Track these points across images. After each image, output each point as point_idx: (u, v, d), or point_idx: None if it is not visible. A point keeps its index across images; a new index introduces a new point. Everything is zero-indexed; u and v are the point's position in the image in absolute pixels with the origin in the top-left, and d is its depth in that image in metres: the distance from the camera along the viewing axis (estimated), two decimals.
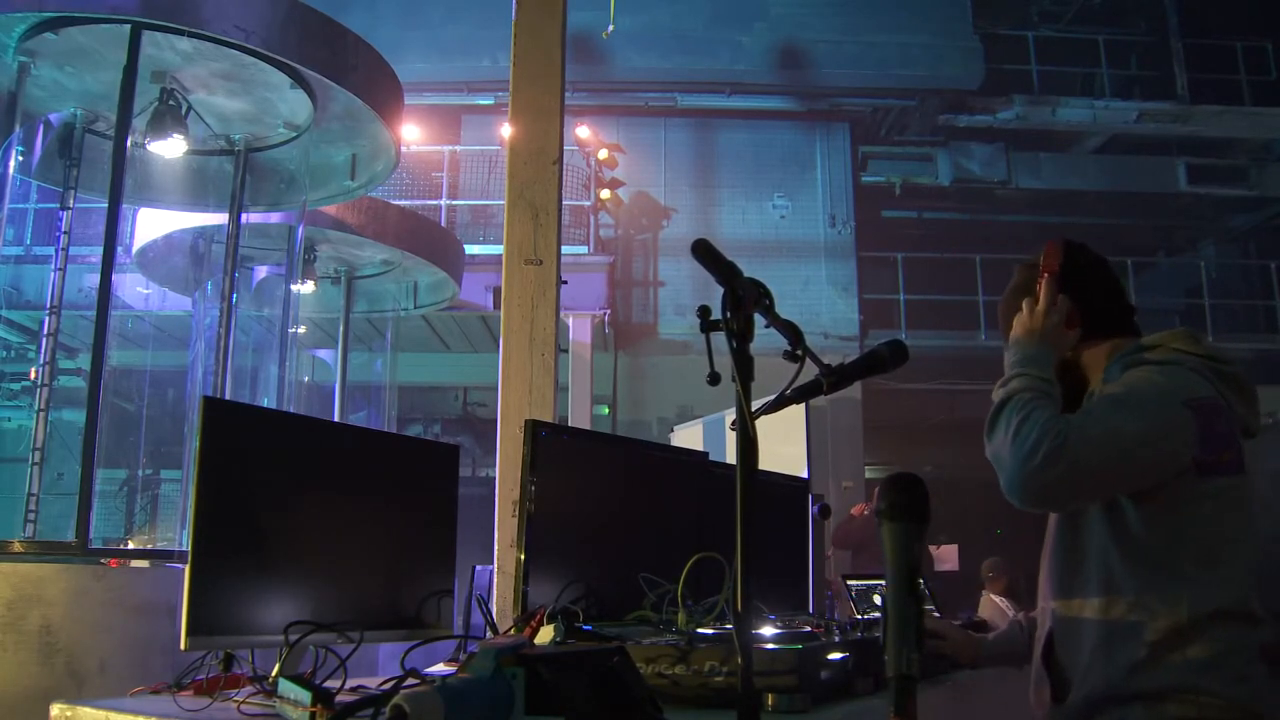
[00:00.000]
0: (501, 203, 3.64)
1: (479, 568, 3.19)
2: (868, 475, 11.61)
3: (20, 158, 5.28)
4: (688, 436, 6.13)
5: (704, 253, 1.36)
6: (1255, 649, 1.58)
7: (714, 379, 1.36)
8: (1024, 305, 1.79)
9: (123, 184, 4.63)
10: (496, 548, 3.29)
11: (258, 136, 5.64)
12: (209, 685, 1.71)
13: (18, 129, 5.01)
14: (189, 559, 1.58)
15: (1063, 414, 1.60)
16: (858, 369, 1.73)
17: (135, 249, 7.18)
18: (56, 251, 5.33)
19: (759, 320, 1.40)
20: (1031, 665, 1.77)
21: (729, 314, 1.32)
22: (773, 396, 1.68)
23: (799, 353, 1.62)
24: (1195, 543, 1.60)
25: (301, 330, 7.92)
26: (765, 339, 1.35)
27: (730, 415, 1.51)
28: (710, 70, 12.31)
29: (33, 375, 8.25)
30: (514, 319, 3.42)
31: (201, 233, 6.87)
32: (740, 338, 1.31)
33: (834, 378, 1.73)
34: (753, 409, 1.59)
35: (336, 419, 7.75)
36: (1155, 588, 1.59)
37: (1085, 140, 13.53)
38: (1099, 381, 1.75)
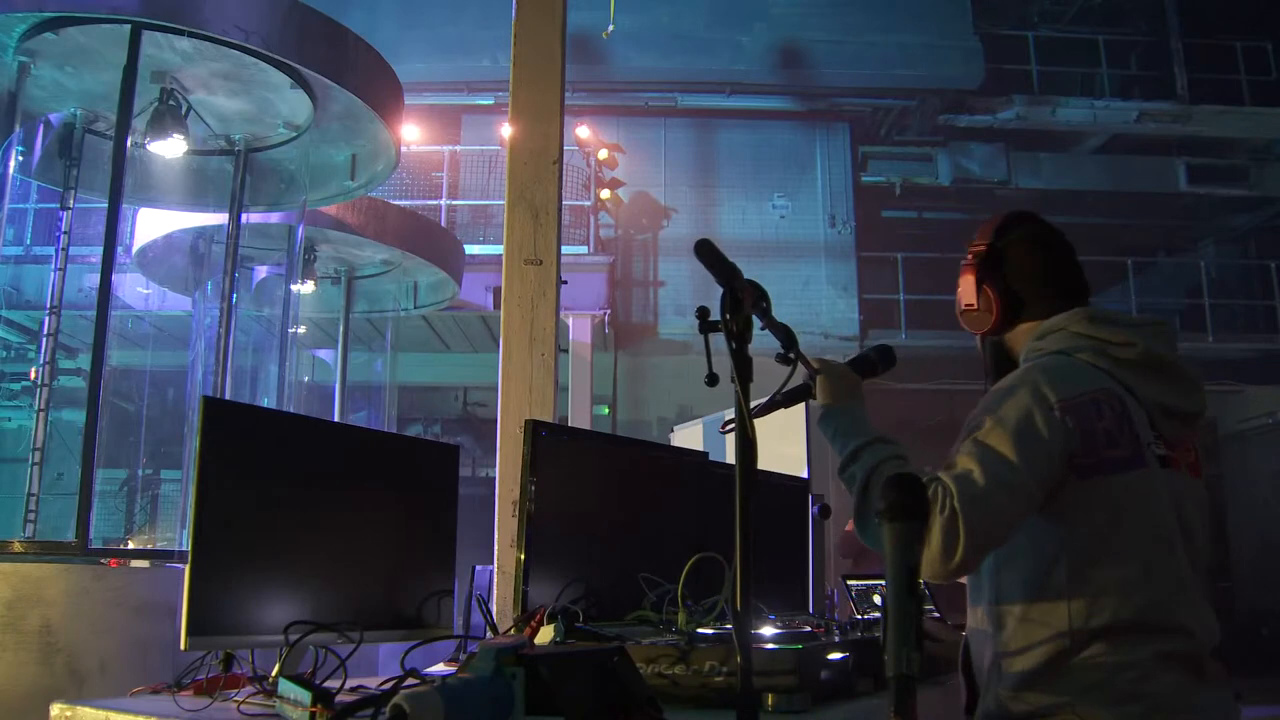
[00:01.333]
0: (501, 203, 3.64)
1: (479, 568, 3.19)
2: None
3: (20, 158, 5.28)
4: (688, 436, 6.12)
5: (706, 253, 1.36)
6: (1156, 662, 1.46)
7: (712, 380, 1.37)
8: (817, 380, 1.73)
9: (123, 184, 4.63)
10: (496, 548, 3.29)
11: (258, 136, 5.64)
12: (209, 685, 1.71)
13: (18, 129, 5.01)
14: (189, 559, 1.58)
15: (938, 478, 1.47)
16: None
17: (135, 249, 7.18)
18: (56, 251, 5.33)
19: (755, 321, 1.41)
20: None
21: (728, 315, 1.32)
22: (764, 399, 1.69)
23: (791, 356, 1.63)
24: (1079, 553, 1.49)
25: (301, 330, 7.92)
26: (763, 340, 1.36)
27: (727, 414, 1.51)
28: (710, 70, 12.31)
29: (33, 375, 8.23)
30: (514, 319, 3.42)
31: (201, 233, 6.87)
32: (739, 339, 1.31)
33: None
34: (750, 413, 1.60)
35: (336, 419, 7.75)
36: (1040, 603, 1.50)
37: (1085, 140, 13.53)
38: None
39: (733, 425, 1.36)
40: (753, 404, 1.63)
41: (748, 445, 1.28)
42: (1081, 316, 1.64)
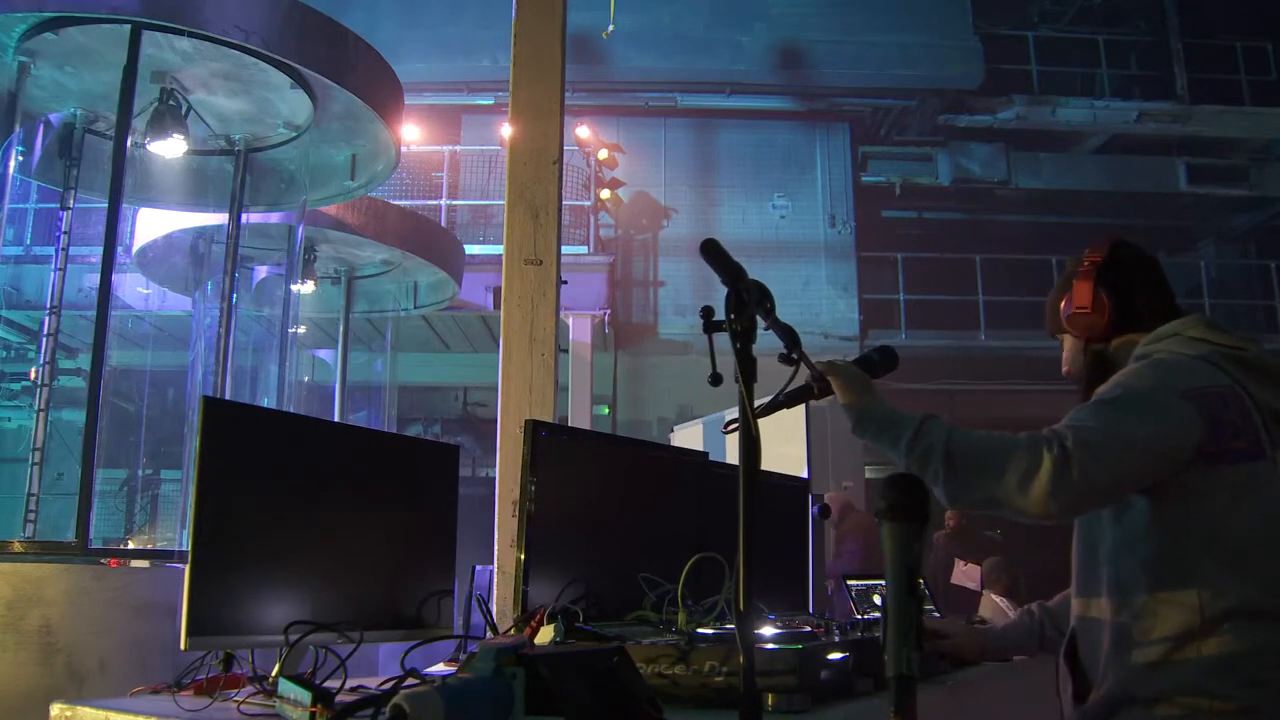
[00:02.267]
0: (501, 203, 3.64)
1: (479, 568, 3.19)
2: (868, 475, 11.60)
3: (20, 158, 5.28)
4: (688, 436, 6.13)
5: (713, 252, 1.36)
6: (1277, 649, 1.51)
7: (716, 380, 1.37)
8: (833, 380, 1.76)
9: (123, 184, 4.63)
10: (496, 548, 3.29)
11: (258, 136, 5.64)
12: (209, 685, 1.71)
13: (18, 129, 5.01)
14: (189, 559, 1.58)
15: (1057, 427, 1.55)
16: None
17: (135, 249, 7.18)
18: (56, 251, 5.33)
19: (758, 321, 1.41)
20: (1056, 660, 1.76)
21: (733, 315, 1.32)
22: (766, 399, 1.69)
23: (794, 356, 1.63)
24: (1207, 538, 1.54)
25: (301, 330, 7.92)
26: (765, 340, 1.36)
27: (728, 414, 1.51)
28: (710, 70, 12.31)
29: (33, 375, 8.24)
30: (514, 319, 3.42)
31: (201, 233, 6.87)
32: (744, 339, 1.31)
33: (823, 384, 1.75)
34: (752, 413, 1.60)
35: (336, 419, 7.75)
36: (1165, 588, 1.54)
37: (1085, 140, 13.54)
38: None
39: (736, 425, 1.36)
40: (756, 404, 1.64)
41: (752, 445, 1.28)
42: (1198, 322, 1.72)
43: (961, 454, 1.58)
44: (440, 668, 1.92)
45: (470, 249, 9.21)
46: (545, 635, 1.69)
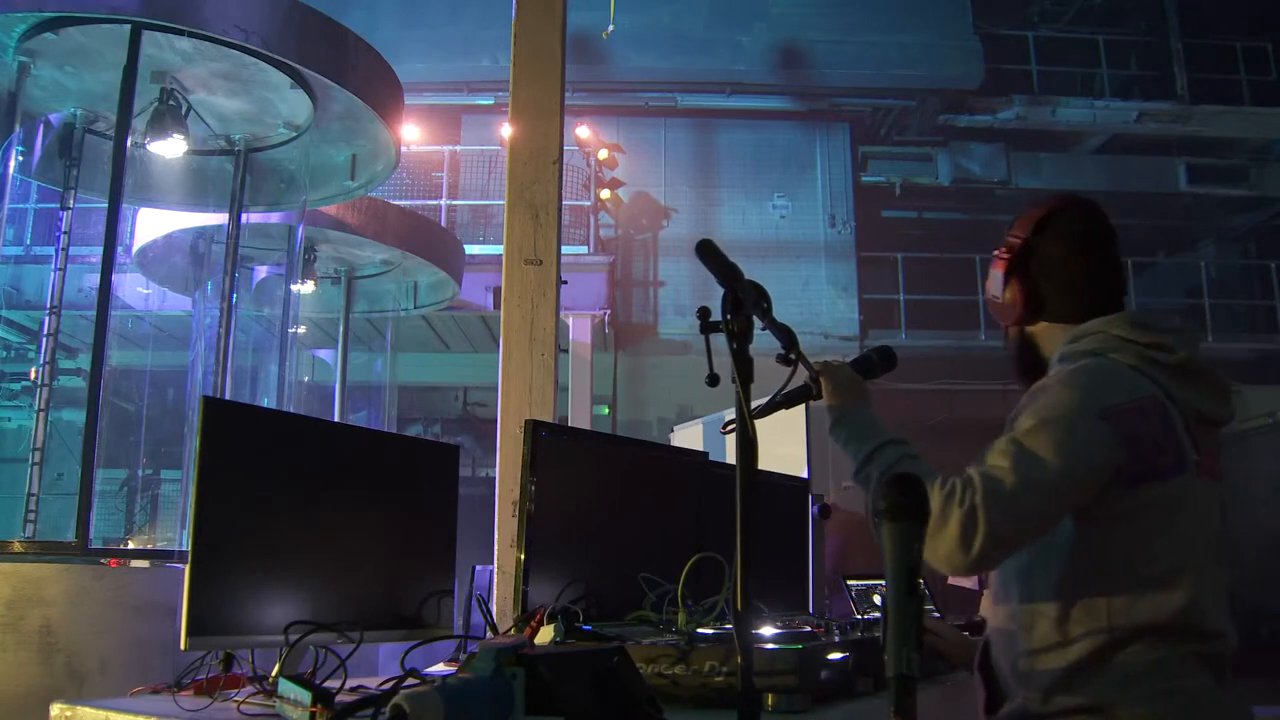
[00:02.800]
0: (501, 203, 3.64)
1: (479, 568, 3.19)
2: None
3: (20, 158, 5.27)
4: (688, 436, 6.11)
5: (708, 253, 1.35)
6: (1190, 662, 1.47)
7: (713, 380, 1.36)
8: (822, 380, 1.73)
9: (123, 184, 4.63)
10: (496, 548, 3.29)
11: (258, 136, 5.64)
12: (209, 685, 1.71)
13: (18, 129, 5.01)
14: (189, 559, 1.58)
15: (960, 473, 1.46)
16: None
17: (135, 249, 7.18)
18: (56, 251, 5.33)
19: (755, 322, 1.40)
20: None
21: (729, 315, 1.32)
22: (764, 400, 1.69)
23: (792, 356, 1.63)
24: (1123, 560, 1.49)
25: (301, 330, 7.92)
26: (764, 340, 1.36)
27: (728, 415, 1.51)
28: (710, 70, 12.31)
29: (33, 375, 8.24)
30: (514, 319, 3.42)
31: (201, 233, 6.87)
32: (740, 339, 1.31)
33: (820, 384, 1.75)
34: (748, 414, 1.61)
35: (336, 419, 7.75)
36: (1078, 605, 1.49)
37: (1085, 140, 13.54)
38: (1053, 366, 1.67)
39: (734, 425, 1.36)
40: (753, 405, 1.64)
41: (748, 445, 1.28)
42: (1124, 320, 1.62)
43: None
44: (440, 668, 1.92)
45: (470, 249, 9.21)
46: (545, 635, 1.69)
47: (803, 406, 1.81)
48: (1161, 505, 1.50)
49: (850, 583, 2.90)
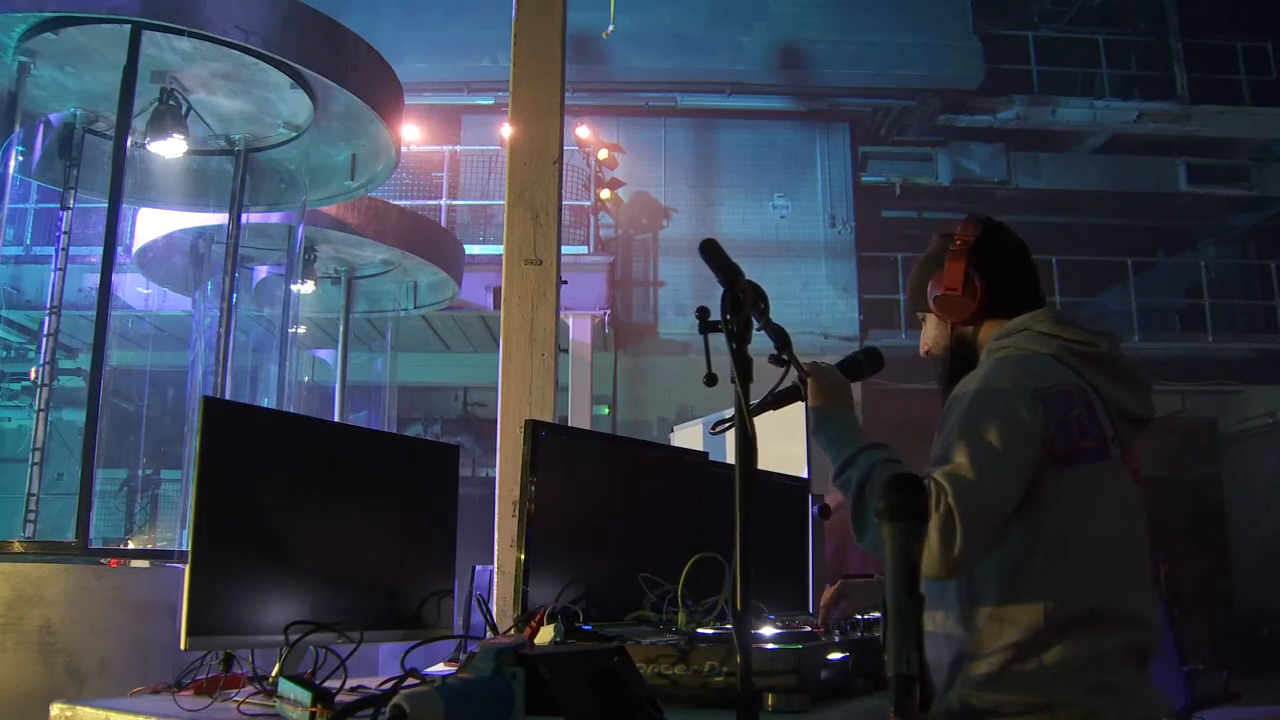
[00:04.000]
0: (501, 203, 3.64)
1: (479, 568, 3.19)
2: None
3: (20, 158, 5.27)
4: (688, 436, 6.11)
5: (711, 252, 1.36)
6: (1119, 653, 1.50)
7: (711, 380, 1.37)
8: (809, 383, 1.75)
9: (123, 184, 4.63)
10: (496, 548, 3.29)
11: (258, 136, 5.64)
12: (209, 685, 1.71)
13: (18, 129, 5.01)
14: (189, 559, 1.58)
15: (931, 477, 1.49)
16: None
17: (135, 249, 7.18)
18: (56, 251, 5.33)
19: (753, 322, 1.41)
20: None
21: (729, 315, 1.32)
22: (766, 398, 1.69)
23: (784, 357, 1.64)
24: (1056, 544, 1.52)
25: (301, 330, 7.92)
26: (763, 340, 1.36)
27: (727, 413, 1.51)
28: (710, 70, 12.30)
29: (33, 375, 8.24)
30: (514, 319, 3.42)
31: (201, 233, 6.87)
32: (739, 339, 1.31)
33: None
34: (732, 417, 1.62)
35: (336, 419, 7.75)
36: (1015, 595, 1.51)
37: (1085, 140, 13.53)
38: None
39: (725, 426, 1.36)
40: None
41: (748, 445, 1.28)
42: (1047, 316, 1.69)
43: (867, 498, 1.57)
44: (440, 668, 1.92)
45: (470, 249, 9.21)
46: (545, 635, 1.69)
47: (803, 406, 1.81)
48: (1089, 488, 1.55)
49: (848, 582, 2.90)
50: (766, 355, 1.62)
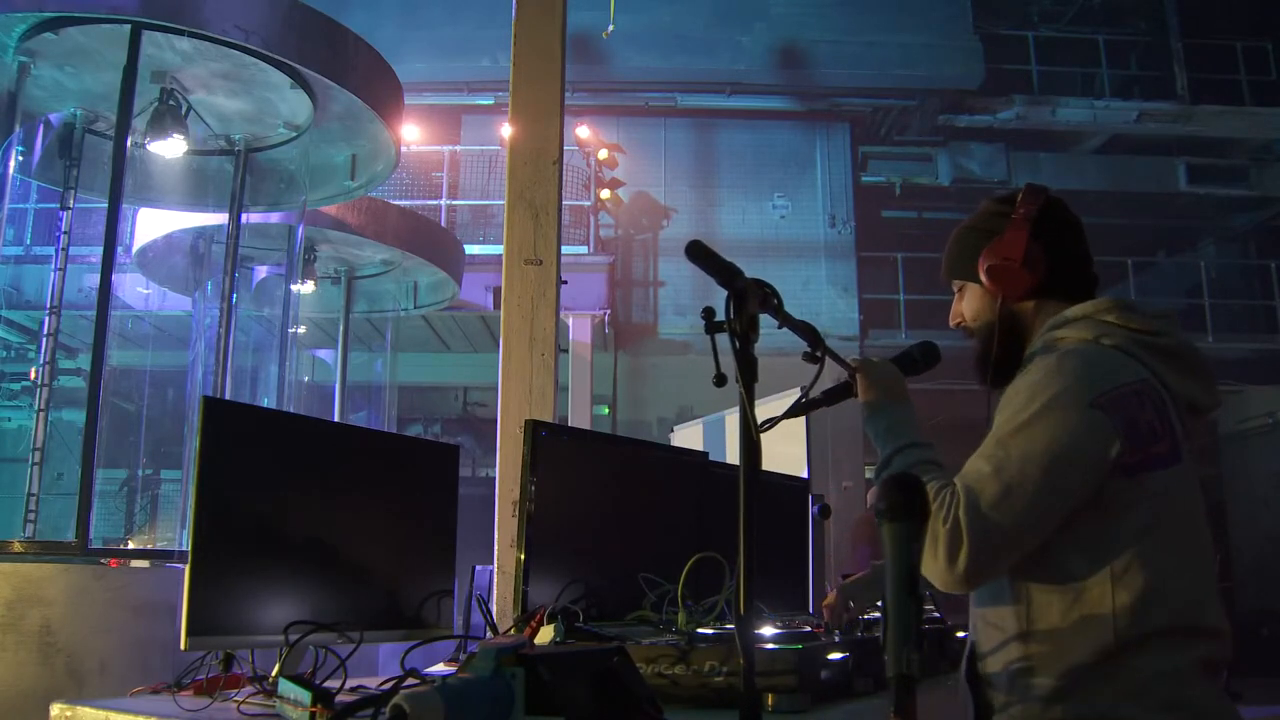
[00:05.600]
0: (501, 203, 3.64)
1: (479, 568, 3.19)
2: (868, 475, 11.63)
3: (20, 158, 5.27)
4: (688, 436, 6.12)
5: (699, 254, 1.28)
6: (1195, 668, 1.40)
7: (720, 381, 1.34)
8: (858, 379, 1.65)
9: (123, 184, 4.63)
10: (496, 548, 3.30)
11: (258, 136, 5.64)
12: (209, 685, 1.71)
13: (18, 129, 5.01)
14: (189, 559, 1.58)
15: (951, 482, 1.41)
16: None
17: (135, 249, 7.18)
18: (56, 251, 5.33)
19: (768, 321, 1.38)
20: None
21: (732, 315, 1.31)
22: (801, 398, 1.65)
23: (819, 354, 1.57)
24: (1125, 556, 1.40)
25: (301, 330, 7.92)
26: (767, 339, 1.35)
27: (729, 413, 1.50)
28: (710, 70, 12.31)
29: (33, 375, 8.25)
30: (514, 319, 3.42)
31: (201, 233, 6.87)
32: (744, 339, 1.30)
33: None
34: (784, 412, 1.59)
35: (336, 419, 7.75)
36: (1081, 609, 1.40)
37: (1085, 140, 13.54)
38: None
39: (768, 424, 1.34)
40: (791, 402, 1.62)
41: (752, 447, 1.28)
42: (1113, 305, 1.54)
43: None
44: (440, 668, 1.92)
45: (470, 249, 9.21)
46: (545, 635, 1.69)
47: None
48: (1162, 496, 1.43)
49: (850, 583, 2.90)
50: (776, 355, 1.60)
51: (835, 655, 1.69)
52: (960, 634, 2.21)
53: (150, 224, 6.95)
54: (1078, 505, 1.41)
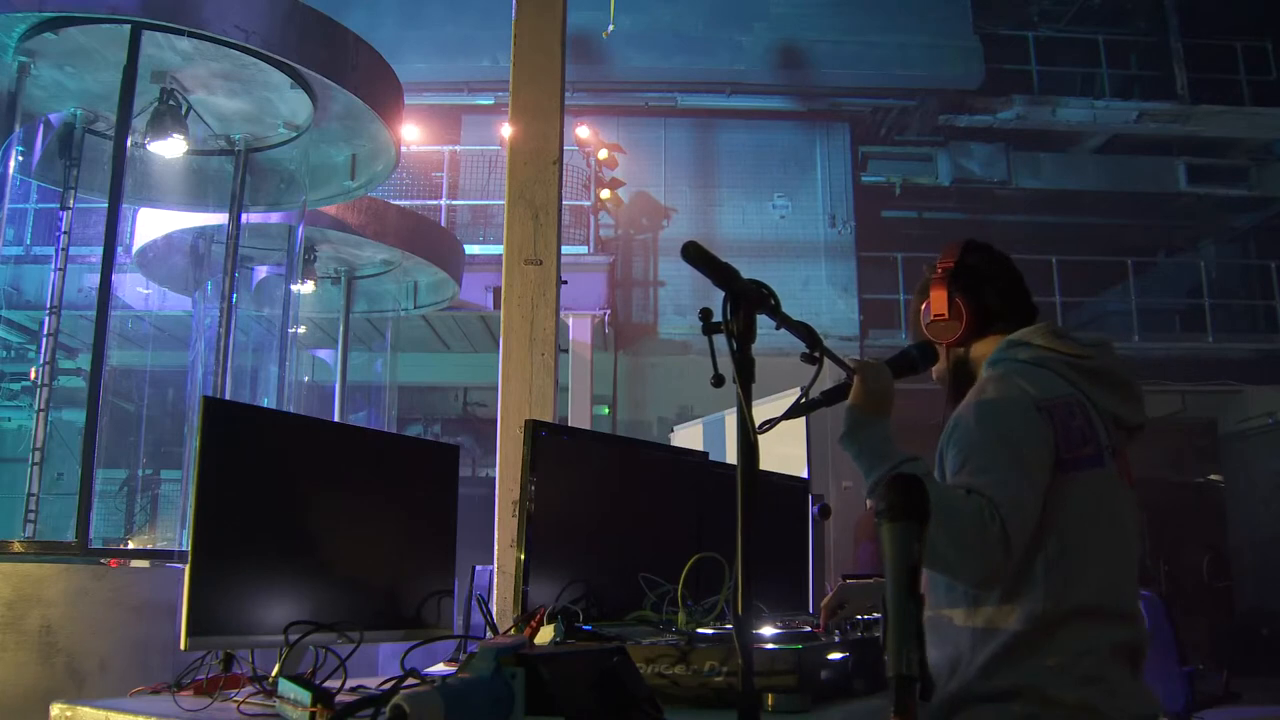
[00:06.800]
0: (501, 203, 3.64)
1: (479, 568, 3.19)
2: None
3: (20, 158, 5.27)
4: (688, 436, 6.13)
5: (697, 256, 1.28)
6: (1113, 648, 1.60)
7: (718, 381, 1.35)
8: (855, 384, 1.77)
9: (123, 184, 4.63)
10: (496, 548, 3.30)
11: (258, 136, 5.64)
12: (209, 685, 1.71)
13: (18, 129, 5.00)
14: (189, 559, 1.58)
15: (978, 492, 1.55)
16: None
17: (135, 249, 7.18)
18: (56, 251, 5.33)
19: (767, 321, 1.38)
20: None
21: (729, 316, 1.31)
22: (800, 399, 1.66)
23: (817, 355, 1.59)
24: (1055, 544, 1.61)
25: (301, 330, 7.92)
26: (767, 339, 1.35)
27: (730, 414, 1.51)
28: (710, 70, 12.31)
29: (33, 375, 8.24)
30: (514, 319, 3.43)
31: (201, 233, 6.87)
32: (741, 340, 1.30)
33: None
34: (783, 414, 1.61)
35: (336, 419, 7.75)
36: (1015, 592, 1.60)
37: (1085, 140, 13.53)
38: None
39: (768, 424, 1.35)
40: (791, 402, 1.64)
41: (749, 447, 1.28)
42: (1045, 331, 1.78)
43: None
44: (440, 668, 1.92)
45: (470, 249, 9.21)
46: (545, 635, 1.69)
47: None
48: (1087, 493, 1.64)
49: (850, 583, 2.90)
50: (774, 356, 1.61)
51: (835, 655, 1.69)
52: None
53: (150, 224, 6.95)
54: None
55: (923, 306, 1.87)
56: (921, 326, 1.88)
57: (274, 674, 1.64)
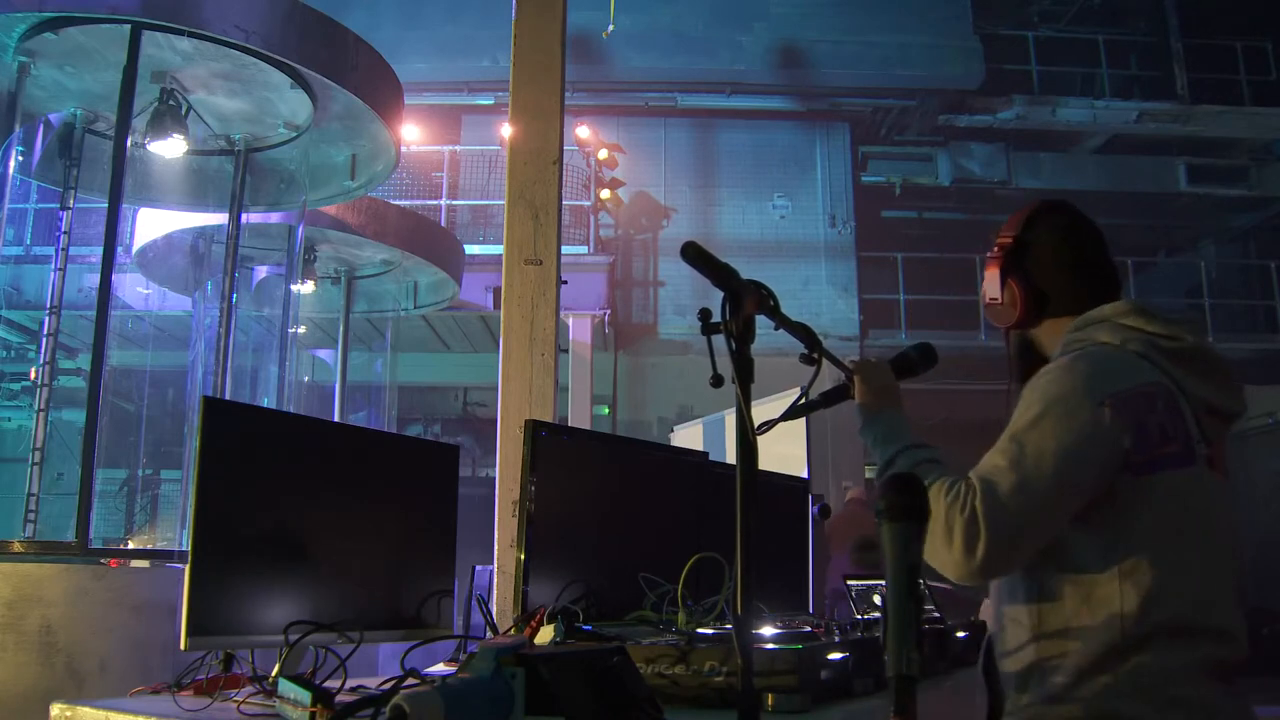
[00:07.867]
0: (501, 203, 3.64)
1: (479, 568, 3.19)
2: (868, 475, 11.63)
3: (20, 158, 5.27)
4: (688, 436, 6.13)
5: (695, 256, 1.28)
6: (1200, 667, 1.43)
7: (717, 381, 1.35)
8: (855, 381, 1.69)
9: (123, 184, 4.63)
10: (496, 548, 3.30)
11: (258, 136, 5.64)
12: (209, 685, 1.71)
13: (18, 129, 5.00)
14: (189, 559, 1.58)
15: (966, 477, 1.45)
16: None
17: (135, 249, 7.18)
18: (56, 251, 5.33)
19: (767, 322, 1.38)
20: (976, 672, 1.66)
21: (729, 317, 1.31)
22: (799, 399, 1.66)
23: (815, 355, 1.58)
24: (1132, 551, 1.43)
25: (301, 330, 7.92)
26: (766, 339, 1.35)
27: (729, 414, 1.51)
28: (710, 70, 12.32)
29: (33, 375, 8.24)
30: (514, 319, 3.43)
31: (201, 233, 6.87)
32: (740, 340, 1.30)
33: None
34: (782, 414, 1.60)
35: (336, 419, 7.75)
36: (1090, 604, 1.43)
37: (1085, 140, 13.54)
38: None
39: (767, 425, 1.34)
40: (790, 402, 1.62)
41: (749, 447, 1.28)
42: (1129, 308, 1.57)
43: None
44: (440, 668, 1.92)
45: (470, 249, 9.21)
46: (545, 635, 1.69)
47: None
48: (1170, 496, 1.45)
49: (850, 583, 2.90)
50: (774, 356, 1.61)
51: (835, 655, 1.69)
52: (960, 634, 2.21)
53: (150, 224, 6.95)
54: (1089, 501, 1.44)
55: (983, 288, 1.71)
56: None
57: (274, 674, 1.64)
